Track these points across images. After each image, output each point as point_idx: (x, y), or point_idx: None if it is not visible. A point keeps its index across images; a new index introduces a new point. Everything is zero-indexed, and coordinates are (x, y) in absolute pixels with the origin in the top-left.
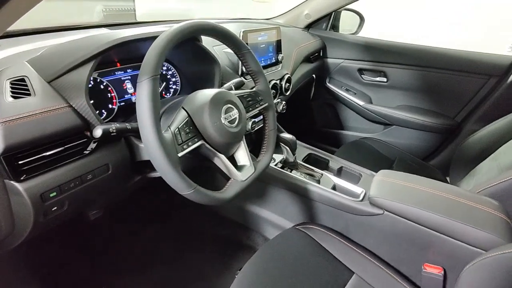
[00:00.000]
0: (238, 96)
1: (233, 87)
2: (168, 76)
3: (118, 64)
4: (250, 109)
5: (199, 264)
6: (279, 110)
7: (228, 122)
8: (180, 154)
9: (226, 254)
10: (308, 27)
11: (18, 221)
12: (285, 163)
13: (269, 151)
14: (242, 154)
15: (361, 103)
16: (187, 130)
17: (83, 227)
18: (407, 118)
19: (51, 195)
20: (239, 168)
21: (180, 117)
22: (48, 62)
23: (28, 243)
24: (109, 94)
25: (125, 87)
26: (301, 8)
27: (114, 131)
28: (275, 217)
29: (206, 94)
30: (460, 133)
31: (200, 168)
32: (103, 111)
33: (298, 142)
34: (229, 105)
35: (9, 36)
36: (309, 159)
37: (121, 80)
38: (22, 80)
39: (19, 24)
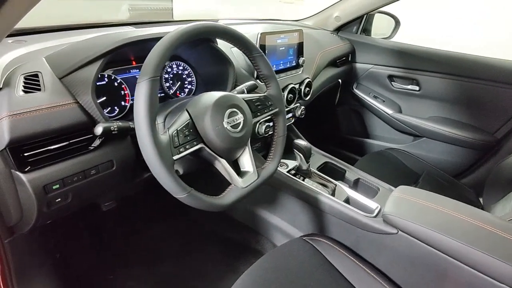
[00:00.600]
0: (246, 100)
1: (245, 90)
2: (184, 76)
3: (133, 62)
4: (258, 114)
5: (203, 264)
6: (297, 115)
7: (230, 126)
8: (175, 157)
9: (232, 256)
10: (338, 30)
11: (25, 209)
12: (298, 171)
13: (275, 158)
14: (247, 160)
15: (390, 111)
16: (186, 133)
17: (94, 217)
18: (440, 131)
19: (54, 187)
20: (241, 174)
21: (182, 119)
22: (63, 58)
23: (41, 228)
24: (122, 92)
25: None
26: (331, 10)
27: (115, 129)
28: (284, 225)
29: (211, 97)
30: (500, 151)
31: (205, 171)
32: (115, 108)
33: (315, 149)
34: (233, 109)
35: (36, 32)
36: (325, 167)
37: (135, 78)
38: (36, 75)
39: (46, 21)
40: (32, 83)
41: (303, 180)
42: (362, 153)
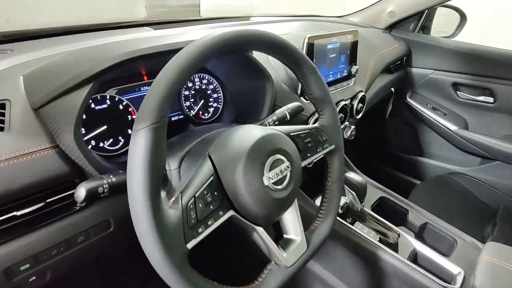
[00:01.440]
0: (292, 136)
1: (287, 114)
2: (209, 91)
3: (145, 78)
4: (308, 155)
5: None
6: (345, 136)
7: (273, 183)
8: (191, 245)
9: None
10: (391, 27)
11: None
12: (348, 211)
13: (330, 214)
14: (292, 222)
15: (453, 127)
16: (209, 199)
17: (99, 266)
18: None
19: (22, 268)
20: (284, 242)
21: (203, 174)
22: (42, 79)
23: None
24: (129, 116)
25: None
26: (383, 5)
27: (106, 190)
28: (329, 277)
29: (244, 138)
30: None
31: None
32: (119, 138)
33: (368, 180)
34: (278, 157)
35: (28, 38)
36: (380, 205)
37: None
38: (2, 106)
39: (47, 22)
40: None
41: (353, 224)
42: (416, 175)
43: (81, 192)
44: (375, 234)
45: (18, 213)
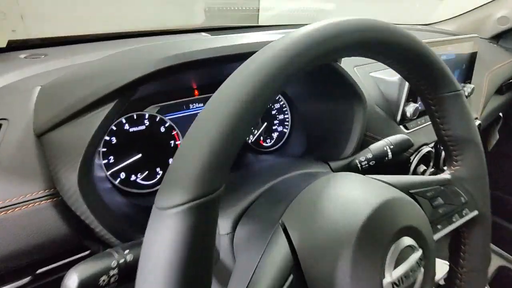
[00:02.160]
0: (413, 194)
1: (389, 152)
2: (273, 112)
3: (195, 92)
4: (439, 226)
5: None
6: None
7: None
8: None
9: None
10: (498, 37)
11: None
12: None
13: None
14: None
15: None
16: None
17: None
18: None
19: None
20: None
21: (276, 268)
22: (57, 94)
23: None
24: (171, 142)
25: None
26: (490, 9)
27: (113, 279)
28: None
29: (347, 206)
30: None
31: None
32: (157, 170)
33: None
34: (406, 242)
35: (71, 42)
36: (500, 278)
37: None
38: None
39: (103, 28)
40: None
41: None
42: None
43: (71, 281)
44: None
45: None
